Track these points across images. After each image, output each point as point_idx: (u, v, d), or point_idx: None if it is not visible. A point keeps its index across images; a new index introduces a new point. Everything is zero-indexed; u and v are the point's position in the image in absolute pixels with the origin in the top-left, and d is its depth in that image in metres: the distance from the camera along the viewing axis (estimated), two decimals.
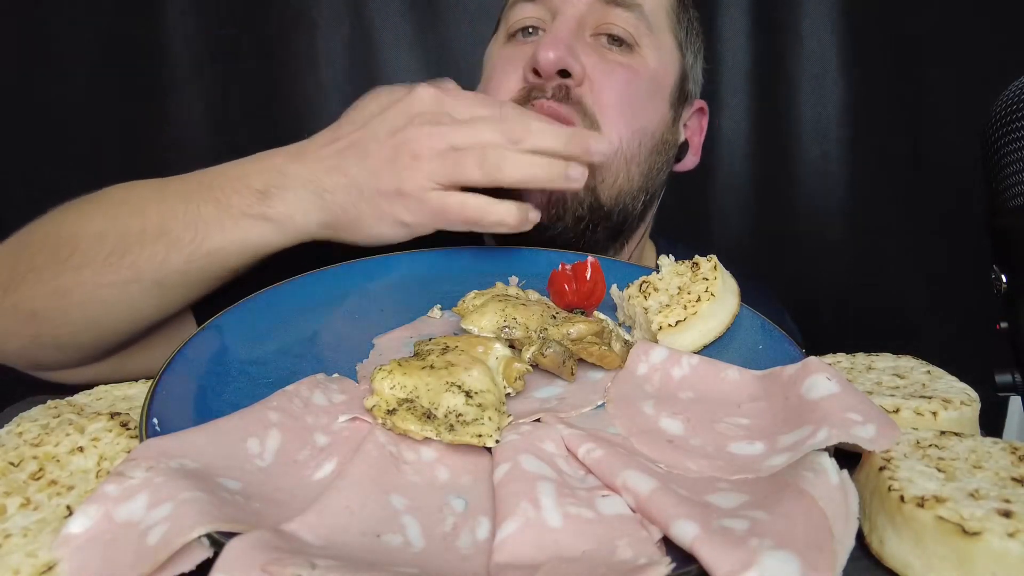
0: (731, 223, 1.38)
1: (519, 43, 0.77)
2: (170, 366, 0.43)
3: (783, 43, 1.35)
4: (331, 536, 0.32)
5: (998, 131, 0.56)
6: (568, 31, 0.72)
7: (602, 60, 0.73)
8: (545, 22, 0.75)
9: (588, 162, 0.61)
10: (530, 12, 0.75)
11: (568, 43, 0.71)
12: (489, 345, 0.45)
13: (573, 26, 0.73)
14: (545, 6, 0.75)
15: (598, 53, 0.73)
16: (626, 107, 0.73)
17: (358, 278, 0.60)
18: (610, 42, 0.74)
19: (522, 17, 0.76)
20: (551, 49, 0.68)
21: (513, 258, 0.66)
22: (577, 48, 0.71)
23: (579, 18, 0.73)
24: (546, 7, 0.75)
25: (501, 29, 0.80)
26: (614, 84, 0.72)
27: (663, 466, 0.38)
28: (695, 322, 0.50)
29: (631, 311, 0.54)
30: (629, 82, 0.73)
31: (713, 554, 0.29)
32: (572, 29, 0.73)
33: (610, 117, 0.71)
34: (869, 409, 0.38)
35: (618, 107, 0.72)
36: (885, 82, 1.33)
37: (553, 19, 0.74)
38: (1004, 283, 0.56)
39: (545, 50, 0.68)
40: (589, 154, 0.60)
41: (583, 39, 0.73)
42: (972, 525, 0.31)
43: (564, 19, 0.73)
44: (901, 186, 1.35)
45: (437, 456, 0.39)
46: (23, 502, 0.35)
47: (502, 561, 0.31)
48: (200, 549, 0.30)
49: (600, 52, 0.73)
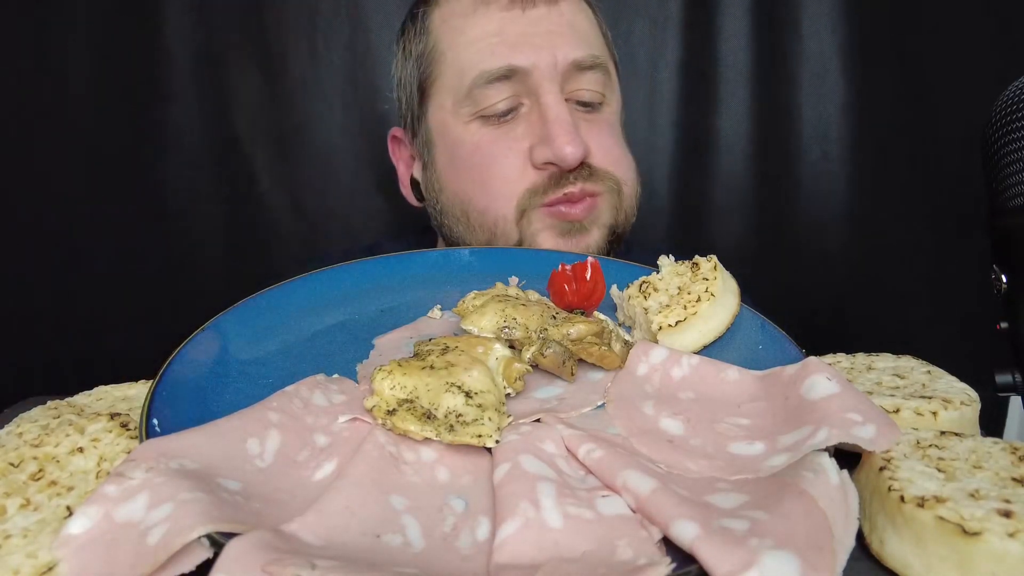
0: (731, 223, 1.38)
1: (500, 125, 0.77)
2: (170, 367, 0.43)
3: (784, 43, 1.35)
4: (331, 536, 0.32)
5: (998, 131, 0.56)
6: (567, 113, 0.75)
7: (590, 125, 0.78)
8: (519, 98, 0.77)
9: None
10: (506, 92, 0.76)
11: (576, 128, 0.75)
12: (489, 345, 0.45)
13: (565, 105, 0.75)
14: (520, 83, 0.76)
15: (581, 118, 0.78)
16: (624, 155, 0.82)
17: (358, 278, 0.60)
18: (579, 106, 0.79)
19: (499, 100, 0.76)
20: (570, 144, 0.73)
21: (513, 258, 0.66)
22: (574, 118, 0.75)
23: (560, 91, 0.76)
24: (522, 84, 0.76)
25: (464, 108, 0.78)
26: (609, 146, 0.80)
27: (663, 466, 0.38)
28: (695, 322, 0.50)
29: (631, 311, 0.54)
30: (615, 136, 0.82)
31: (713, 554, 0.29)
32: (567, 109, 0.75)
33: (619, 168, 0.79)
34: (869, 409, 0.38)
35: (624, 159, 0.81)
36: (885, 82, 1.33)
37: (530, 95, 0.76)
38: (1004, 283, 0.56)
39: (565, 146, 0.73)
40: None
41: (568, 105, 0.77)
42: (972, 525, 0.31)
43: (555, 99, 0.75)
44: (901, 186, 1.35)
45: (437, 456, 0.39)
46: (23, 503, 0.35)
47: (502, 561, 0.31)
48: (200, 549, 0.30)
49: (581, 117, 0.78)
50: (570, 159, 0.73)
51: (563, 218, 0.76)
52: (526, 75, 0.75)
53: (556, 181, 0.75)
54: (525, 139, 0.76)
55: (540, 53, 0.75)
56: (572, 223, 0.76)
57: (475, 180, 0.79)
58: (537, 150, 0.75)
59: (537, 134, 0.76)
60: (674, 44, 1.36)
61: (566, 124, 0.74)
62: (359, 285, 0.59)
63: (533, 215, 0.76)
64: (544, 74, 0.75)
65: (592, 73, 0.78)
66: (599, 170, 0.77)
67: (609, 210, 0.79)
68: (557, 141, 0.73)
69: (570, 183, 0.75)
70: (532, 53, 0.75)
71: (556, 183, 0.75)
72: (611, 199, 0.78)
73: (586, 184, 0.76)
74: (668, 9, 1.35)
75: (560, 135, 0.73)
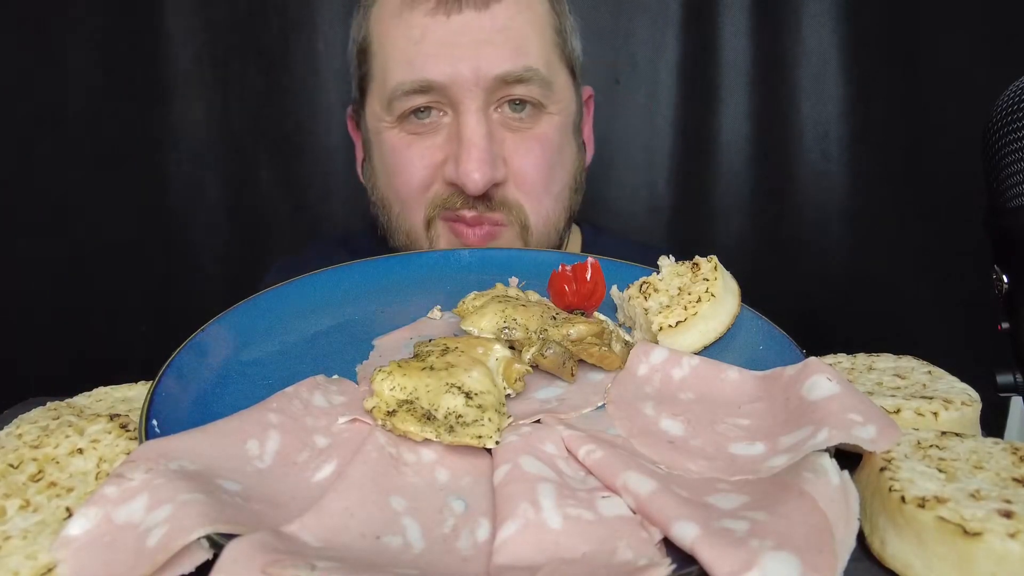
0: (731, 223, 1.38)
1: (419, 134, 0.75)
2: (169, 367, 0.43)
3: (783, 43, 1.35)
4: (331, 537, 0.32)
5: (998, 132, 0.56)
6: (482, 136, 0.71)
7: (517, 140, 0.74)
8: (442, 106, 0.73)
9: None
10: (423, 102, 0.73)
11: (490, 153, 0.71)
12: (489, 346, 0.45)
13: (484, 125, 0.71)
14: (440, 94, 0.72)
15: (509, 129, 0.74)
16: (546, 180, 0.76)
17: (358, 279, 0.60)
18: (514, 107, 0.74)
19: (415, 108, 0.73)
20: (477, 171, 0.70)
21: (513, 259, 0.66)
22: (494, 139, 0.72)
23: (483, 107, 0.72)
24: (441, 95, 0.72)
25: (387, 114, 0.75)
26: (533, 163, 0.75)
27: (663, 467, 0.38)
28: (695, 323, 0.50)
29: (631, 312, 0.54)
30: (544, 151, 0.76)
31: (713, 555, 0.29)
32: (484, 131, 0.71)
33: (534, 200, 0.75)
34: (870, 410, 0.38)
35: (541, 185, 0.76)
36: (885, 82, 1.33)
37: (452, 106, 0.72)
38: (1005, 283, 0.56)
39: (472, 172, 0.69)
40: None
41: (490, 118, 0.73)
42: (973, 526, 0.31)
43: (473, 118, 0.71)
44: (901, 186, 1.35)
45: (437, 457, 0.39)
46: (23, 504, 0.35)
47: (502, 562, 0.31)
48: (200, 551, 0.30)
49: (510, 126, 0.74)
50: (471, 187, 0.70)
51: (460, 236, 0.75)
52: (444, 89, 0.71)
53: (455, 200, 0.74)
54: (440, 151, 0.74)
55: (459, 65, 0.70)
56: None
57: (392, 184, 0.78)
58: (447, 167, 0.73)
59: (451, 149, 0.73)
60: (674, 44, 1.36)
61: (477, 148, 0.70)
62: (359, 285, 0.59)
63: (438, 224, 0.76)
64: (463, 88, 0.71)
65: (524, 86, 0.73)
66: (507, 201, 0.74)
67: (513, 242, 0.76)
68: (464, 166, 0.70)
69: (468, 207, 0.73)
70: (450, 66, 0.70)
71: (455, 202, 0.74)
72: (515, 232, 0.76)
73: (486, 214, 0.73)
74: (668, 9, 1.35)
75: (468, 159, 0.70)
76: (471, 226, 0.74)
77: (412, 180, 0.76)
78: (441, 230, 0.77)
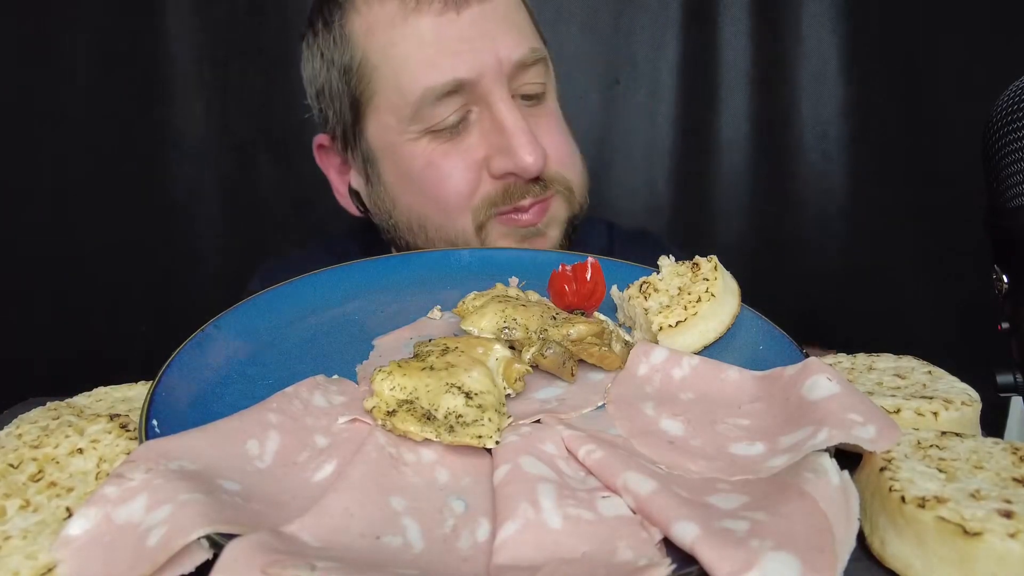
0: (731, 223, 1.38)
1: (451, 139, 0.74)
2: (169, 367, 0.43)
3: (783, 43, 1.35)
4: (331, 538, 0.32)
5: (998, 131, 0.56)
6: (523, 119, 0.72)
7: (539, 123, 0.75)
8: (468, 106, 0.73)
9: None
10: (455, 105, 0.73)
11: (535, 135, 0.72)
12: (489, 346, 0.45)
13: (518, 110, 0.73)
14: (469, 93, 0.72)
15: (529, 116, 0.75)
16: (572, 150, 0.81)
17: (358, 279, 0.60)
18: (524, 99, 0.76)
19: (448, 115, 0.73)
20: (531, 154, 0.71)
21: (513, 259, 0.66)
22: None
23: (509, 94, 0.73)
24: (470, 93, 0.72)
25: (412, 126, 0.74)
26: (559, 139, 0.78)
27: (663, 467, 0.38)
28: (695, 322, 0.50)
29: (631, 312, 0.54)
30: (561, 127, 0.80)
31: (714, 555, 0.29)
32: (521, 114, 0.72)
33: (571, 168, 0.78)
34: (870, 410, 0.38)
35: (570, 155, 0.80)
36: (885, 82, 1.33)
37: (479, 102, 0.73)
38: (1005, 283, 0.56)
39: (527, 156, 0.71)
40: None
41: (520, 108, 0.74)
42: (973, 526, 0.31)
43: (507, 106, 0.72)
44: (901, 186, 1.35)
45: (437, 457, 0.39)
46: (23, 504, 0.35)
47: (502, 562, 0.31)
48: (199, 551, 0.30)
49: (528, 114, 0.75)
50: (532, 169, 0.71)
51: (518, 224, 0.75)
52: (474, 85, 0.71)
53: (511, 193, 0.74)
54: (479, 149, 0.74)
55: (483, 58, 0.71)
56: (528, 228, 0.75)
57: (430, 197, 0.76)
58: (496, 161, 0.73)
59: (493, 143, 0.73)
60: (674, 44, 1.36)
61: (525, 132, 0.71)
62: (359, 285, 0.59)
63: (490, 225, 0.75)
64: (492, 80, 0.71)
65: (535, 68, 0.75)
66: (553, 177, 0.76)
67: (563, 209, 0.78)
68: (519, 152, 0.70)
69: (523, 196, 0.74)
70: (475, 60, 0.71)
71: (511, 195, 0.74)
72: (563, 199, 0.78)
73: (536, 198, 0.75)
74: (668, 9, 1.35)
75: (521, 145, 0.71)
76: (527, 211, 0.75)
77: (460, 187, 0.74)
78: (493, 227, 0.76)
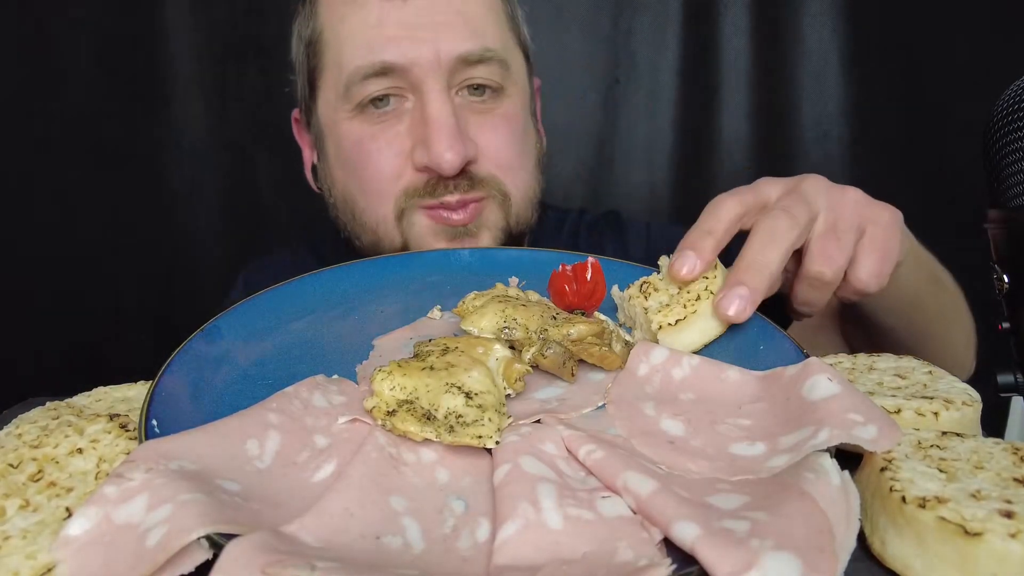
0: None
1: (381, 121, 0.73)
2: (169, 367, 0.43)
3: (784, 43, 1.35)
4: (331, 538, 0.32)
5: (999, 131, 0.56)
6: (450, 115, 0.70)
7: (483, 121, 0.74)
8: (402, 91, 0.72)
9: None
10: (383, 87, 0.72)
11: (459, 131, 0.70)
12: (489, 346, 0.45)
13: (449, 104, 0.71)
14: (401, 79, 0.71)
15: (472, 111, 0.74)
16: (517, 154, 0.77)
17: (357, 279, 0.60)
18: (473, 92, 0.74)
19: (375, 95, 0.72)
20: (449, 150, 0.69)
21: (513, 259, 0.66)
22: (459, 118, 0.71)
23: (445, 89, 0.71)
24: (402, 79, 0.71)
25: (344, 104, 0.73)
26: (502, 139, 0.75)
27: (664, 467, 0.38)
28: (695, 321, 0.49)
29: (631, 312, 0.54)
30: (510, 128, 0.76)
31: (714, 555, 0.29)
32: (450, 109, 0.71)
33: (509, 173, 0.75)
34: (870, 410, 0.38)
35: (514, 159, 0.76)
36: (885, 82, 1.33)
37: (414, 90, 0.72)
38: (1005, 283, 0.56)
39: (444, 152, 0.68)
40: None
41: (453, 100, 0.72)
42: (974, 526, 0.31)
43: (437, 98, 0.70)
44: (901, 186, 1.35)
45: (437, 457, 0.39)
46: (22, 504, 0.35)
47: (502, 563, 0.31)
48: (199, 551, 0.30)
49: (473, 108, 0.74)
50: (447, 167, 0.69)
51: (446, 223, 0.73)
52: (405, 71, 0.71)
53: (434, 187, 0.72)
54: (407, 137, 0.73)
55: (420, 48, 0.70)
56: (456, 228, 0.73)
57: (356, 178, 0.76)
58: (417, 152, 0.72)
59: (417, 134, 0.72)
60: (674, 44, 1.36)
61: (446, 128, 0.69)
62: (359, 285, 0.59)
63: (413, 217, 0.74)
64: (426, 70, 0.70)
65: (484, 66, 0.73)
66: (483, 177, 0.74)
67: (497, 214, 0.76)
68: (435, 147, 0.69)
69: (448, 192, 0.72)
70: (411, 48, 0.70)
71: (434, 189, 0.72)
72: (496, 204, 0.75)
73: (466, 195, 0.72)
74: (668, 9, 1.35)
75: (439, 140, 0.69)
76: (455, 209, 0.73)
77: (381, 171, 0.73)
78: (417, 220, 0.74)
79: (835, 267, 0.51)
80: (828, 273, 0.51)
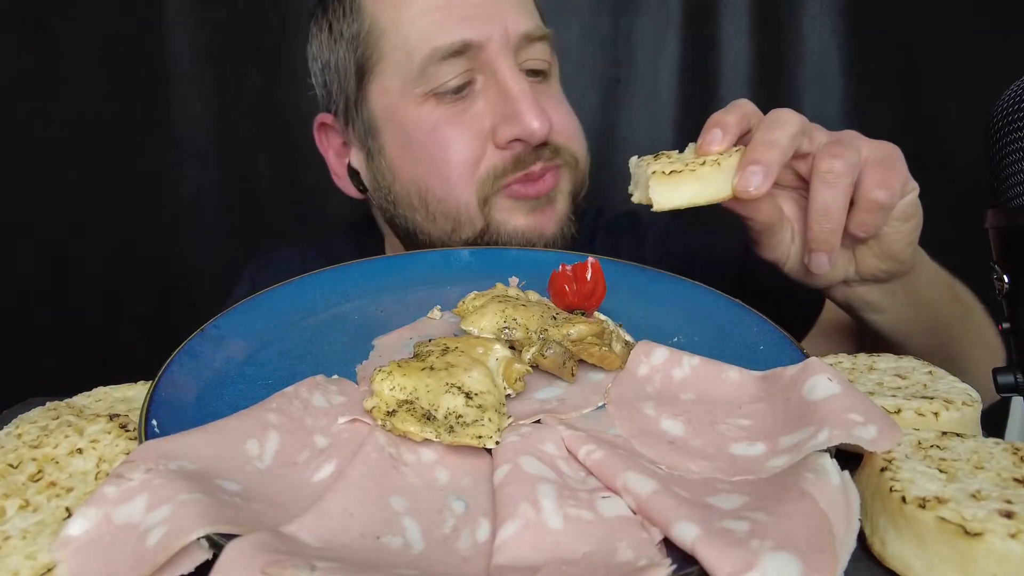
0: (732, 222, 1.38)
1: (456, 103, 0.74)
2: (169, 367, 0.43)
3: (783, 43, 1.35)
4: (330, 538, 0.32)
5: (999, 131, 0.56)
6: (528, 87, 0.73)
7: (544, 98, 0.76)
8: (473, 73, 0.74)
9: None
10: (460, 68, 0.73)
11: (541, 102, 0.73)
12: (489, 346, 0.45)
13: (524, 79, 0.74)
14: (474, 58, 0.73)
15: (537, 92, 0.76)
16: (576, 127, 0.81)
17: (357, 279, 0.60)
18: (531, 76, 0.77)
19: (453, 76, 0.73)
20: (537, 118, 0.71)
21: (513, 259, 0.66)
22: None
23: (515, 64, 0.74)
24: (475, 59, 0.73)
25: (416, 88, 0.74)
26: (564, 113, 0.80)
27: (664, 467, 0.38)
28: (691, 179, 0.49)
29: (639, 176, 0.53)
30: (565, 104, 0.81)
31: (714, 555, 0.29)
32: (527, 82, 0.74)
33: (574, 142, 0.79)
34: (870, 410, 0.38)
35: (577, 131, 0.81)
36: (885, 82, 1.33)
37: (484, 70, 0.74)
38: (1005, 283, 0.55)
39: (533, 120, 0.71)
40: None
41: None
42: (974, 526, 0.31)
43: (513, 73, 0.73)
44: None
45: (437, 457, 0.39)
46: (22, 504, 0.35)
47: (502, 563, 0.31)
48: (199, 551, 0.30)
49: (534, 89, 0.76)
50: (539, 133, 0.71)
51: (526, 196, 0.75)
52: (479, 49, 0.73)
53: (520, 160, 0.74)
54: (485, 118, 0.74)
55: (491, 26, 0.72)
56: (537, 199, 0.75)
57: (432, 165, 0.75)
58: (501, 128, 0.73)
59: (498, 111, 0.73)
60: (674, 44, 1.36)
61: (530, 98, 0.72)
62: (359, 285, 0.59)
63: (495, 200, 0.75)
64: (498, 47, 0.73)
65: (540, 44, 0.77)
66: (560, 147, 0.77)
67: (569, 180, 0.79)
68: (525, 116, 0.71)
69: (533, 162, 0.74)
70: (483, 26, 0.72)
71: (519, 162, 0.74)
72: (569, 170, 0.79)
73: (548, 163, 0.75)
74: (668, 9, 1.35)
75: (526, 110, 0.71)
76: (537, 180, 0.75)
77: (465, 154, 0.74)
78: (498, 202, 0.75)
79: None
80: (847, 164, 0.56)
